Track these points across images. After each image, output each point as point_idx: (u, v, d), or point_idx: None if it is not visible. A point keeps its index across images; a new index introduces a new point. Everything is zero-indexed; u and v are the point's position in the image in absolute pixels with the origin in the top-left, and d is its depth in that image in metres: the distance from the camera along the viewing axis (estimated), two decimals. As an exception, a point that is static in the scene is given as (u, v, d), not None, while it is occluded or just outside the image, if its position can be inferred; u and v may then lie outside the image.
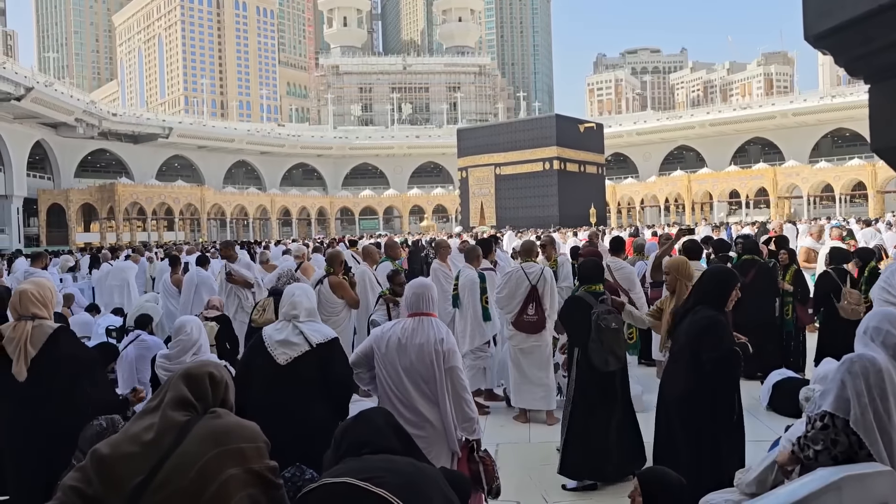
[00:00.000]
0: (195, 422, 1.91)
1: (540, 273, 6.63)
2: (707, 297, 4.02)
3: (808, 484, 2.38)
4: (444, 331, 3.61)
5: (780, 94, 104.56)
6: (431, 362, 3.47)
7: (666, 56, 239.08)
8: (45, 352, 3.60)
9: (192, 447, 1.84)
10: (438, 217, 72.48)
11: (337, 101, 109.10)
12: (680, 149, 75.33)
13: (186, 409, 1.95)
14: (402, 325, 3.64)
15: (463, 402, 3.53)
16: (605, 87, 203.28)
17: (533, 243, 7.32)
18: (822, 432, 2.54)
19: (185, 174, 71.40)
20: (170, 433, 1.87)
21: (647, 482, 2.84)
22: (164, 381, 2.14)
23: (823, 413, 2.56)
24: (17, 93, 43.52)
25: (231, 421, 1.97)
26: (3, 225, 49.09)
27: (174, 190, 60.39)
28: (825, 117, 63.19)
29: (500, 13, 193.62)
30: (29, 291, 3.68)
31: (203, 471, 1.81)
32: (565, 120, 52.12)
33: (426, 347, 3.49)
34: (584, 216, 44.78)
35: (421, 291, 3.70)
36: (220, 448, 1.86)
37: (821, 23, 2.02)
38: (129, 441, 1.87)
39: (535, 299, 6.53)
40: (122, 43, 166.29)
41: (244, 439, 1.91)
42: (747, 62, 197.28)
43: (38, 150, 55.24)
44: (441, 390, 3.47)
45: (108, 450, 1.86)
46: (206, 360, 2.12)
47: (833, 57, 2.13)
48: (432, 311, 3.72)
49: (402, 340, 3.53)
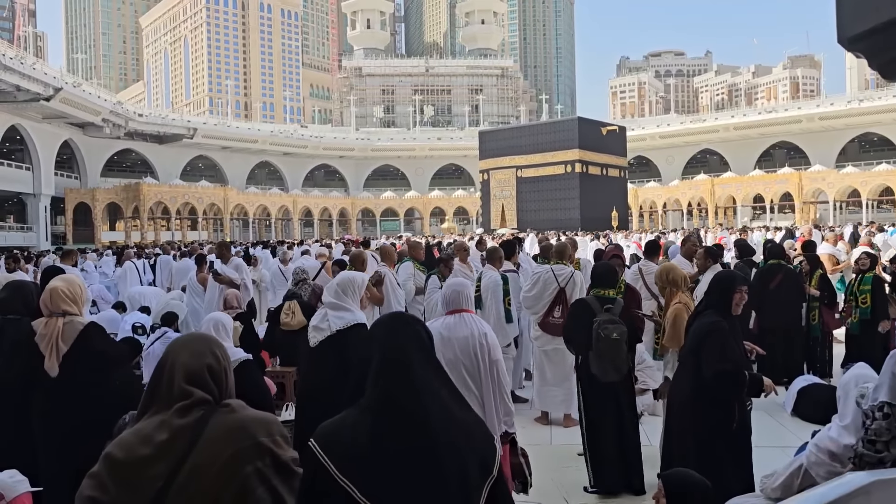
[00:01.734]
0: (209, 418, 1.85)
1: (570, 276, 6.66)
2: (712, 302, 4.02)
3: (836, 488, 2.35)
4: (485, 325, 3.72)
5: (806, 97, 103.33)
6: (476, 355, 3.55)
7: (690, 59, 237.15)
8: (77, 347, 3.67)
9: (209, 446, 1.80)
10: (459, 219, 72.48)
11: (359, 103, 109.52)
12: (703, 152, 74.62)
13: (197, 404, 1.87)
14: (441, 321, 3.73)
15: (505, 396, 3.60)
16: (627, 89, 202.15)
17: (566, 245, 7.37)
18: (885, 422, 2.52)
19: (208, 174, 72.10)
20: (184, 432, 1.81)
21: (672, 484, 2.83)
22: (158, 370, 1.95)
23: (882, 403, 2.54)
24: (47, 93, 44.19)
25: (246, 415, 1.92)
26: (31, 223, 49.91)
27: (198, 190, 61.01)
28: (852, 121, 62.23)
29: (522, 15, 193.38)
30: (59, 289, 3.75)
31: (223, 470, 1.78)
32: (587, 122, 51.94)
33: (471, 341, 3.57)
34: (606, 219, 44.55)
35: (460, 289, 3.82)
36: (239, 445, 1.82)
37: (856, 25, 2.00)
38: (141, 442, 1.80)
39: (563, 301, 6.54)
40: (149, 44, 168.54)
41: (261, 433, 1.87)
42: (773, 65, 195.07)
43: (65, 150, 56.06)
44: (486, 383, 3.54)
45: (121, 453, 1.80)
46: (200, 348, 2.02)
47: (867, 60, 2.11)
48: (470, 307, 3.82)
49: (444, 334, 3.60)
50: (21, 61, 41.23)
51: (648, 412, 6.49)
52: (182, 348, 1.96)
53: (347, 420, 1.85)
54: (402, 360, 1.87)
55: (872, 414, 2.57)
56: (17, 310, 4.41)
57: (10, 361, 4.26)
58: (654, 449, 5.19)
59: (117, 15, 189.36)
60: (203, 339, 2.05)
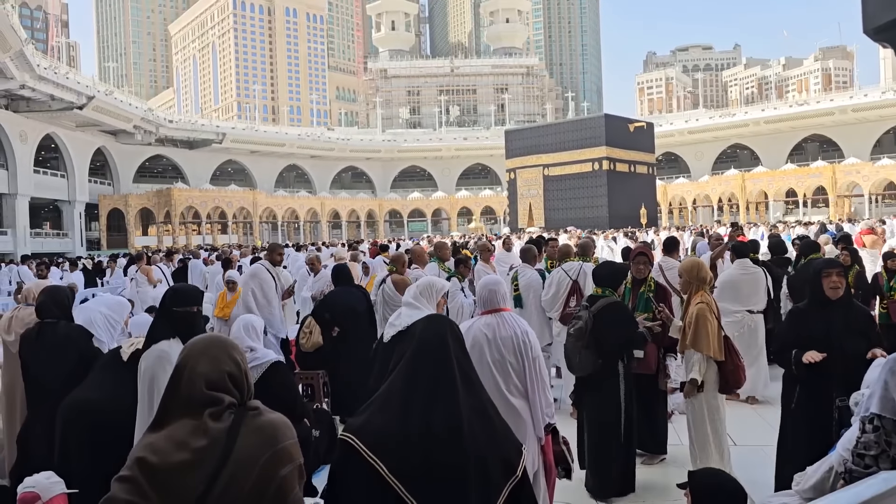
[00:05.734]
0: (240, 421, 1.86)
1: (579, 269, 6.96)
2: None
3: (869, 487, 2.31)
4: (524, 323, 3.74)
5: (838, 89, 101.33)
6: (521, 353, 3.57)
7: (718, 53, 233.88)
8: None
9: (247, 450, 1.81)
10: (487, 219, 72.38)
11: (385, 105, 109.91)
12: (733, 147, 73.51)
13: (227, 408, 1.87)
14: (482, 321, 3.72)
15: (546, 389, 3.64)
16: (655, 85, 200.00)
17: (569, 247, 7.65)
18: (874, 435, 2.46)
19: (237, 178, 72.95)
20: (219, 437, 1.81)
21: (698, 482, 2.79)
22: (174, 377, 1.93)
23: (871, 416, 2.48)
24: (80, 102, 45.08)
25: (275, 418, 1.93)
26: (66, 229, 50.98)
27: (227, 194, 61.75)
28: (887, 112, 60.72)
29: (547, 13, 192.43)
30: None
31: (262, 474, 1.80)
32: (614, 119, 51.43)
33: (515, 340, 3.58)
34: (635, 217, 44.16)
35: (495, 287, 3.80)
36: (274, 448, 1.84)
37: (881, 15, 1.97)
38: (177, 448, 1.80)
39: (577, 292, 6.80)
40: (178, 51, 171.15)
41: (289, 436, 1.90)
42: (804, 57, 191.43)
43: (98, 157, 57.13)
44: (531, 379, 3.57)
45: (156, 458, 1.78)
46: (217, 354, 1.99)
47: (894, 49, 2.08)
48: (507, 305, 3.82)
49: (488, 336, 3.62)
50: (55, 71, 42.08)
51: (679, 411, 6.43)
52: (201, 355, 1.94)
53: (376, 404, 1.90)
54: (439, 345, 1.91)
55: (863, 425, 2.51)
56: (53, 313, 4.54)
57: (50, 363, 4.38)
58: (684, 448, 5.15)
59: (147, 23, 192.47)
60: (220, 344, 2.01)
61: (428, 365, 1.99)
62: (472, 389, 2.02)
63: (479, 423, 1.89)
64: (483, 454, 1.86)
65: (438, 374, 2.03)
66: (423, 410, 1.96)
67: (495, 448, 1.87)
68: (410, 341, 2.08)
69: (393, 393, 2.07)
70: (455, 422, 1.92)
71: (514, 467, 1.90)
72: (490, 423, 1.94)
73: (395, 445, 1.93)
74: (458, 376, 1.98)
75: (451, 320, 2.15)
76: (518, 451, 1.96)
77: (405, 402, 1.99)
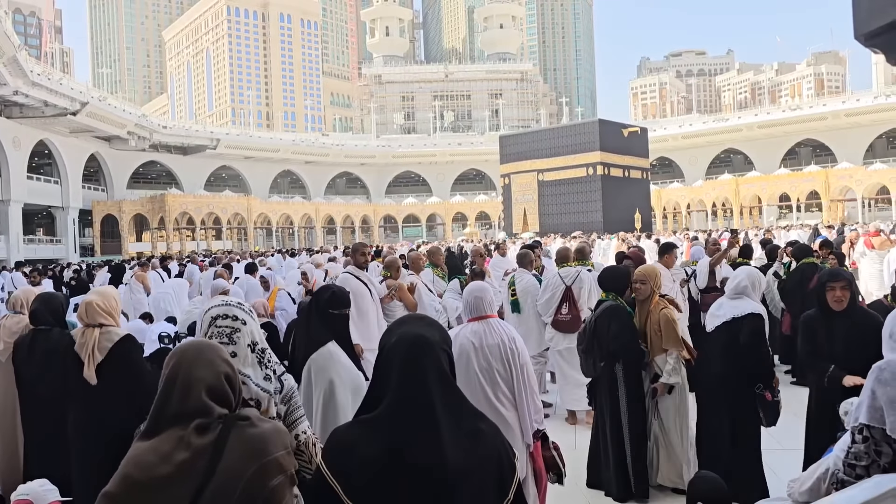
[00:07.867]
0: (228, 433, 1.79)
1: (576, 275, 6.89)
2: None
3: (866, 490, 2.31)
4: (512, 329, 3.69)
5: (831, 94, 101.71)
6: (509, 361, 3.53)
7: (711, 58, 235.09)
8: (112, 357, 3.78)
9: (233, 463, 1.74)
10: (481, 224, 72.46)
11: (379, 110, 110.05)
12: (727, 152, 73.83)
13: (215, 420, 1.81)
14: (468, 329, 3.66)
15: (535, 396, 3.60)
16: (648, 90, 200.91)
17: (568, 250, 7.62)
18: (864, 445, 2.45)
19: (232, 184, 72.90)
20: (205, 449, 1.75)
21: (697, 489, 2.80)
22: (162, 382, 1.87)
23: (861, 426, 2.48)
24: (73, 108, 44.98)
25: (266, 428, 1.85)
26: (60, 235, 50.80)
27: (222, 200, 61.68)
28: (880, 117, 61.11)
29: (541, 19, 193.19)
30: (94, 302, 3.89)
31: (248, 487, 1.74)
32: (608, 124, 51.57)
33: (502, 348, 3.54)
34: (629, 221, 44.25)
35: (481, 294, 3.72)
36: (261, 461, 1.77)
37: (872, 21, 1.99)
38: (161, 461, 1.73)
39: (569, 299, 6.77)
40: (172, 57, 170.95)
41: (280, 447, 1.83)
42: (796, 62, 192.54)
43: (92, 163, 57.00)
44: (519, 387, 3.52)
45: (140, 473, 1.72)
46: (211, 357, 1.95)
47: (885, 55, 2.09)
48: (493, 312, 3.77)
49: (475, 344, 3.56)
50: (48, 77, 41.99)
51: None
52: (195, 360, 1.89)
53: (356, 434, 1.84)
54: (420, 381, 1.83)
55: (853, 436, 2.50)
56: (47, 321, 4.53)
57: (43, 371, 4.37)
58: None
59: (141, 29, 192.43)
60: (210, 347, 1.97)
61: (410, 399, 1.75)
62: (458, 410, 1.84)
63: (466, 445, 1.77)
64: (469, 480, 1.78)
65: (421, 400, 1.80)
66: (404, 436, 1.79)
67: (483, 472, 1.79)
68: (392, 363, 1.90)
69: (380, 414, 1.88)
70: (437, 453, 1.77)
71: (505, 491, 1.85)
72: (478, 443, 1.81)
73: (363, 469, 1.79)
74: (439, 399, 1.80)
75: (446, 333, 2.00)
76: (511, 467, 1.89)
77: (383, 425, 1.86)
